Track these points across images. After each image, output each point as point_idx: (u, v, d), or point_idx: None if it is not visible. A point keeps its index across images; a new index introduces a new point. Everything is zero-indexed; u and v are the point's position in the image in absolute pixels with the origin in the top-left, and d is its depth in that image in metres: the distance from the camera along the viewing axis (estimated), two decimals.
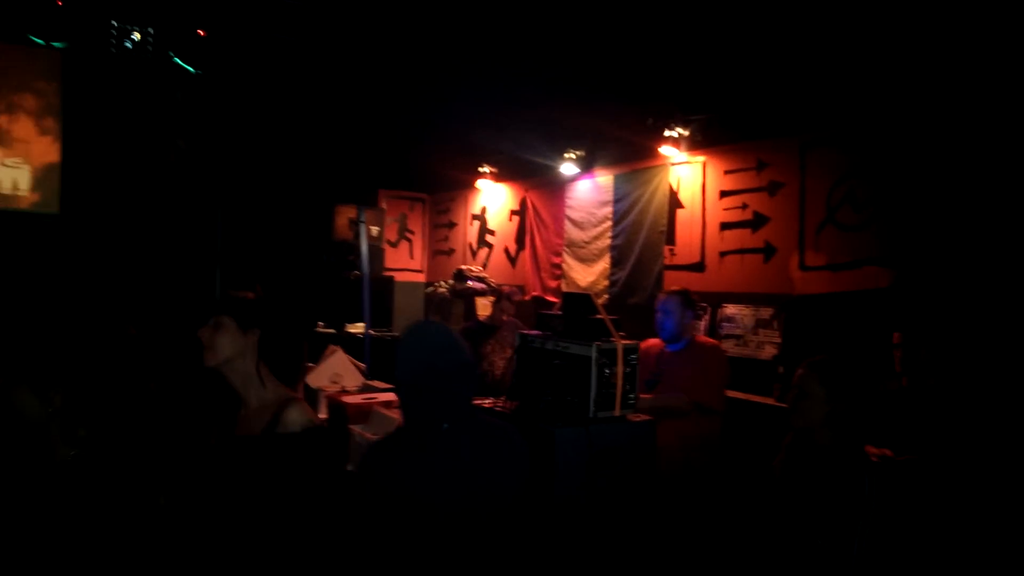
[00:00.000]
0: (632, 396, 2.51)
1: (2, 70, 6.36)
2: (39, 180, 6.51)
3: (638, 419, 2.55)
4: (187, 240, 6.82)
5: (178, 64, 5.59)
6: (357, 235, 6.12)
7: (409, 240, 9.14)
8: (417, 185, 9.03)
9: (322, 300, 7.20)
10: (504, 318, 5.45)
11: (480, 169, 7.97)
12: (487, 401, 3.04)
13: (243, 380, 2.07)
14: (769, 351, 5.09)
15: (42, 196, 6.52)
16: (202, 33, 5.64)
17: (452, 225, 8.86)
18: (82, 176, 6.58)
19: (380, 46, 5.48)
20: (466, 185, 8.36)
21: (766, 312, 5.18)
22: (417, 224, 9.21)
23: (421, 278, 9.10)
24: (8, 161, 6.39)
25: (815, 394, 2.36)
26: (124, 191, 6.66)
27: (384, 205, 8.44)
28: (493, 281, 7.41)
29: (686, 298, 3.75)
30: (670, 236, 5.99)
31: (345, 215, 6.54)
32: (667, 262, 6.00)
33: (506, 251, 8.00)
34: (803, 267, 4.97)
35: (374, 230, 6.74)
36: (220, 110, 6.67)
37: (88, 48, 5.49)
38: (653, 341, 3.83)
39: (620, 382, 2.45)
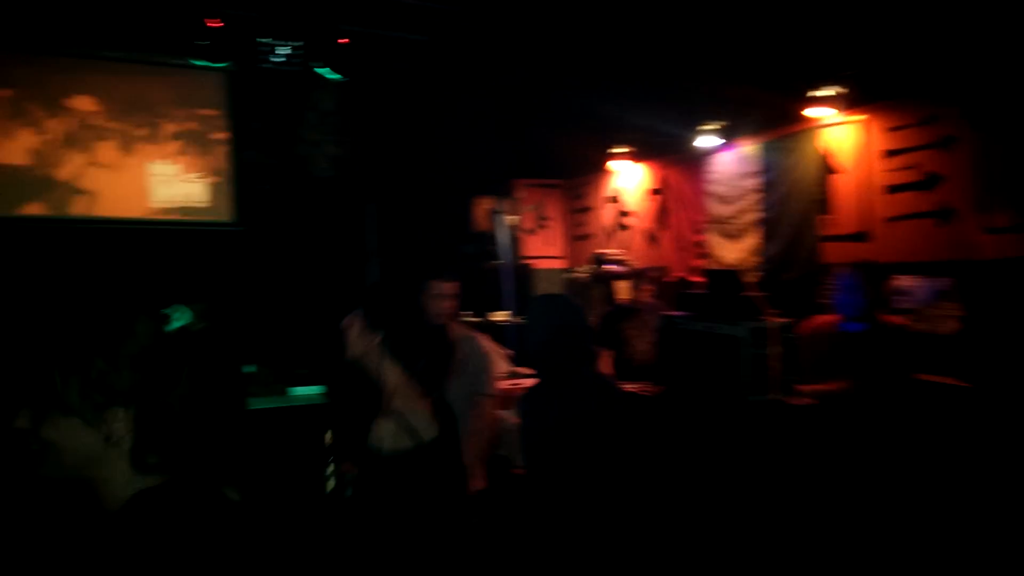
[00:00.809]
0: (794, 378, 2.32)
1: (176, 93, 7.04)
2: (214, 192, 7.15)
3: (799, 403, 2.35)
4: (343, 238, 7.21)
5: (324, 74, 5.91)
6: (496, 224, 6.18)
7: (547, 227, 9.14)
8: (552, 172, 9.00)
9: (465, 290, 7.36)
10: (645, 300, 5.28)
11: (614, 150, 7.79)
12: (631, 386, 2.96)
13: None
14: (950, 325, 4.57)
15: (216, 207, 7.16)
16: (344, 41, 5.92)
17: (588, 210, 8.75)
18: (251, 186, 7.17)
19: (508, 37, 5.48)
20: (600, 168, 8.21)
21: (945, 282, 4.65)
22: (554, 211, 9.19)
23: (562, 264, 9.08)
24: (187, 176, 7.07)
25: None
26: (288, 198, 7.17)
27: (520, 194, 8.49)
28: (632, 263, 7.24)
29: (873, 270, 3.41)
30: (826, 205, 5.54)
31: (484, 206, 6.64)
32: (824, 233, 5.56)
33: (645, 232, 7.78)
34: (988, 230, 4.41)
35: (512, 219, 6.79)
36: (367, 113, 6.99)
37: (245, 66, 5.95)
38: (824, 319, 3.49)
39: (776, 364, 2.27)
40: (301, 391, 5.30)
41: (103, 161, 6.79)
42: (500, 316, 7.00)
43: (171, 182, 7.03)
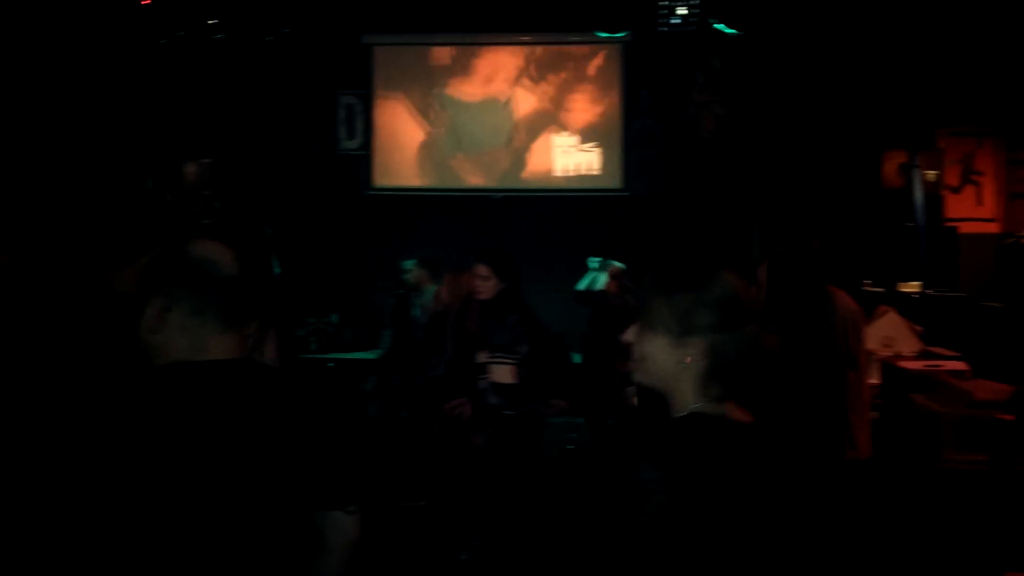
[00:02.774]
0: None
1: (578, 66, 7.60)
2: (606, 160, 7.59)
3: None
4: (728, 202, 7.02)
5: (721, 29, 5.77)
6: (909, 182, 5.38)
7: (977, 184, 7.65)
8: (984, 116, 7.45)
9: (870, 255, 6.59)
10: None
11: None
12: None
13: None
14: None
15: (609, 175, 7.58)
16: None
17: None
18: (638, 152, 7.43)
19: None
20: None
21: None
22: (987, 164, 7.63)
23: (995, 228, 7.53)
24: (585, 146, 7.61)
25: None
26: (675, 162, 7.26)
27: (942, 145, 7.22)
28: None
29: None
30: None
31: (894, 161, 5.82)
32: None
33: None
34: None
35: (930, 175, 5.83)
36: (759, 68, 6.65)
37: (643, 32, 6.12)
38: None
39: None
40: None
41: (517, 135, 7.68)
42: (911, 287, 6.11)
43: (569, 152, 7.63)
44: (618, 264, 4.95)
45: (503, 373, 4.01)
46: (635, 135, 7.44)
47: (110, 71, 6.39)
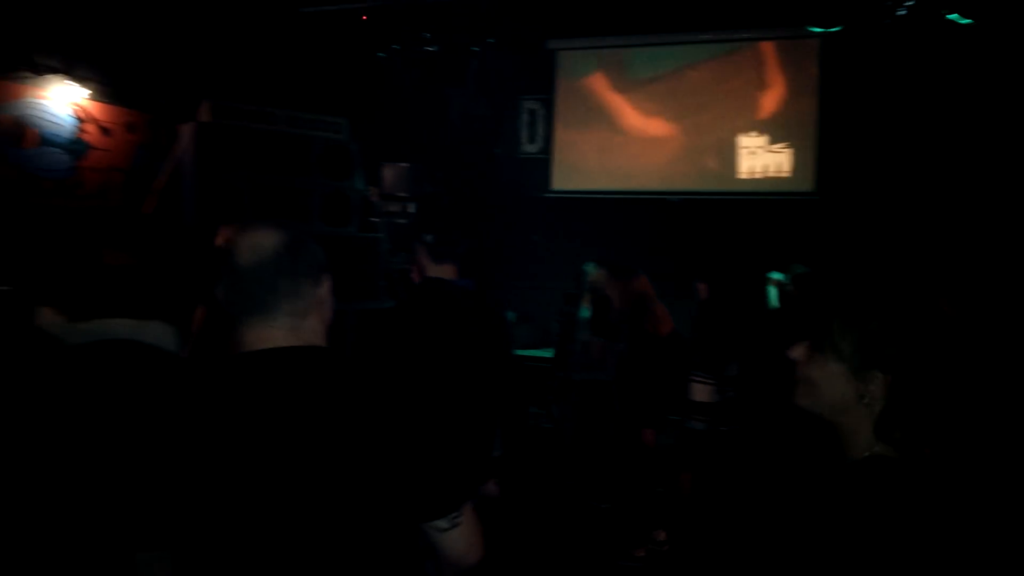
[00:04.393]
0: None
1: (768, 62, 7.21)
2: (797, 162, 7.13)
3: None
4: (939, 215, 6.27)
5: (954, 19, 5.22)
6: None
7: None
8: None
9: None
10: None
11: None
12: None
13: None
14: None
15: (800, 177, 7.11)
16: None
17: None
18: (837, 155, 6.87)
19: None
20: None
21: None
22: None
23: None
24: (774, 146, 7.20)
25: None
26: (874, 166, 6.63)
27: None
28: None
29: None
30: None
31: None
32: None
33: None
34: None
35: None
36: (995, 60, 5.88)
37: (861, 26, 5.69)
38: None
39: None
40: None
41: (695, 135, 7.45)
42: None
43: (756, 153, 7.27)
44: (779, 275, 4.57)
45: (702, 392, 4.04)
46: (831, 136, 6.91)
47: (331, 81, 7.05)
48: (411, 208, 6.91)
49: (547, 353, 6.50)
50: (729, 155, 7.33)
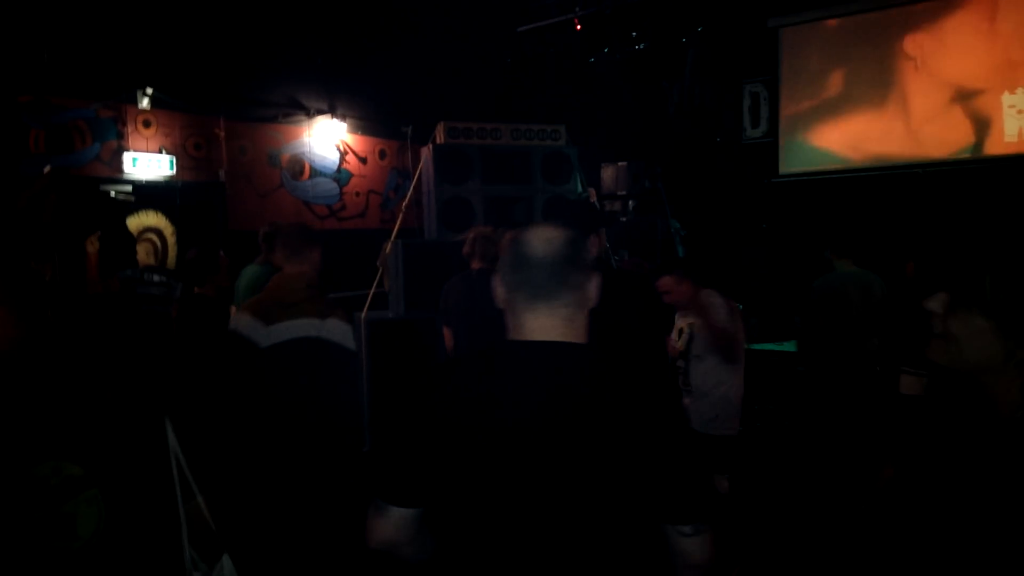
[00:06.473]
0: None
1: None
2: None
3: None
4: None
5: None
6: None
7: None
8: None
9: None
10: None
11: None
12: None
13: None
14: None
15: None
16: None
17: None
18: None
19: None
20: None
21: None
22: None
23: None
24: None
25: None
26: None
27: None
28: None
29: None
30: None
31: None
32: None
33: None
34: None
35: None
36: None
37: None
38: None
39: None
40: None
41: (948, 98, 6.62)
42: None
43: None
44: None
45: (911, 384, 3.68)
46: None
47: (548, 90, 7.47)
48: (631, 205, 7.02)
49: (788, 347, 6.18)
50: (988, 117, 6.41)
